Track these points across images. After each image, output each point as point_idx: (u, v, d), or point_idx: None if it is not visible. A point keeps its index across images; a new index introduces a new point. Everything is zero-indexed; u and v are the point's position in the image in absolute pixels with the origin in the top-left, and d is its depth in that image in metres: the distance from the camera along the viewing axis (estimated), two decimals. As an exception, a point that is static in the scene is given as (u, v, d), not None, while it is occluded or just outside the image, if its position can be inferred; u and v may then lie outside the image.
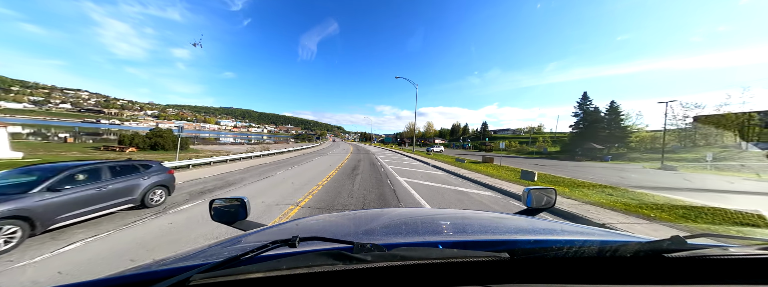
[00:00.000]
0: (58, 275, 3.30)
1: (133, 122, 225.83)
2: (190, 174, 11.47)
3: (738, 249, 0.78)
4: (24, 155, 15.51)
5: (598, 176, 15.66)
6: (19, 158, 14.99)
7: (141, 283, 0.65)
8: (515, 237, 1.17)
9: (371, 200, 7.63)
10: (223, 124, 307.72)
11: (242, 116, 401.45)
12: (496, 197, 8.62)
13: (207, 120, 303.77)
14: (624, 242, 0.95)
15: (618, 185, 11.37)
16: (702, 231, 5.25)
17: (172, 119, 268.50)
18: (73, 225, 4.87)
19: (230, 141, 64.62)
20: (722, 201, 8.24)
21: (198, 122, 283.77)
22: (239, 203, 1.63)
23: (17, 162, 12.89)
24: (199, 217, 5.59)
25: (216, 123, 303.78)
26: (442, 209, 2.50)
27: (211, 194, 7.95)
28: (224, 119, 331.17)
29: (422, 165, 18.92)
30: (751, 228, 5.33)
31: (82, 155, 17.98)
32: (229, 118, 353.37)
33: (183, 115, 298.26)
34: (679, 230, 5.28)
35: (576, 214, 6.23)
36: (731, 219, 5.81)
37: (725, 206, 6.71)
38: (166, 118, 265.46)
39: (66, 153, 18.35)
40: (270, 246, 0.77)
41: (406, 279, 0.70)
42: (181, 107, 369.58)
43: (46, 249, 3.99)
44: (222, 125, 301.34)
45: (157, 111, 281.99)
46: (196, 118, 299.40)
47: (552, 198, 1.89)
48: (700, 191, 10.91)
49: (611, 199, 7.89)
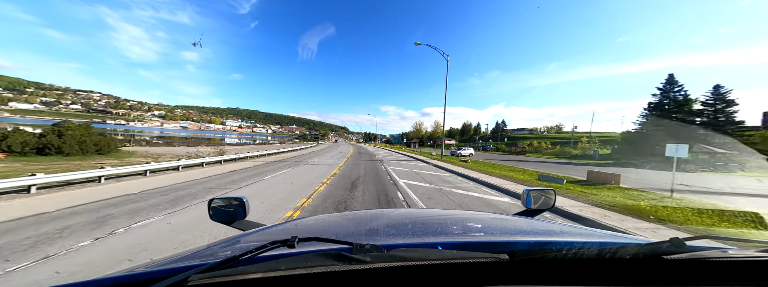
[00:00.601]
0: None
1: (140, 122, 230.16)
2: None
3: (737, 251, 0.78)
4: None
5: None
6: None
7: (139, 283, 0.64)
8: (515, 239, 1.18)
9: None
10: (229, 124, 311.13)
11: (248, 117, 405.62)
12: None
13: (212, 120, 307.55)
14: (623, 244, 0.95)
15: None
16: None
17: (177, 119, 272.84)
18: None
19: (235, 142, 64.84)
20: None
21: (203, 123, 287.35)
22: (238, 203, 1.61)
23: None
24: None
25: (221, 123, 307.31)
26: (442, 209, 2.55)
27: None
28: (230, 120, 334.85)
29: (499, 196, 9.95)
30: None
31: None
32: (234, 118, 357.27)
33: (189, 115, 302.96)
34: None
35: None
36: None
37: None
38: (171, 118, 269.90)
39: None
40: (269, 247, 0.76)
41: (405, 280, 0.69)
42: (189, 108, 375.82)
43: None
44: (227, 126, 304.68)
45: (164, 112, 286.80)
46: (201, 118, 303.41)
47: (551, 199, 1.87)
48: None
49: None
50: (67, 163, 15.81)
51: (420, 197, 9.21)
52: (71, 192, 8.61)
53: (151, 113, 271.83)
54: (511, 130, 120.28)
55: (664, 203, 8.52)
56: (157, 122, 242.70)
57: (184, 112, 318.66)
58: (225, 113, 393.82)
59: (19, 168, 12.85)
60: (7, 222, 5.65)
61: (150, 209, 6.82)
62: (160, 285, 0.59)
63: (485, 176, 13.99)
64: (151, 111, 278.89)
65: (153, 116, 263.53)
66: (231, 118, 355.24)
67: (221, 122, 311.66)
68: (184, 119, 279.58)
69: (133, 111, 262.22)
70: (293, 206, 7.51)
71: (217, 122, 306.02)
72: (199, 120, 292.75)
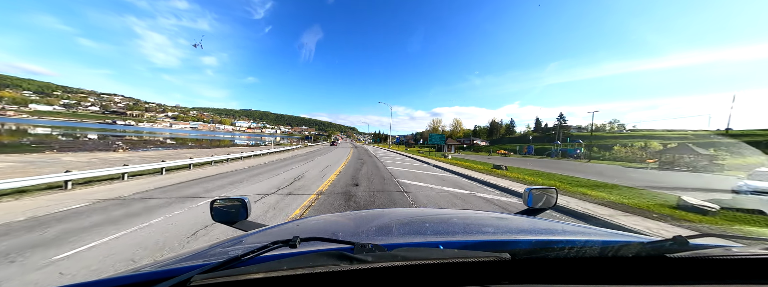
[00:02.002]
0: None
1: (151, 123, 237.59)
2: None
3: (741, 249, 0.77)
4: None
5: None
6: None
7: (142, 284, 0.65)
8: (516, 237, 1.17)
9: None
10: (238, 125, 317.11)
11: (260, 118, 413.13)
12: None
13: (223, 121, 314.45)
14: (626, 242, 0.95)
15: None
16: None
17: (188, 120, 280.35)
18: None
19: (244, 142, 61.78)
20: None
21: (213, 124, 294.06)
22: (240, 204, 1.61)
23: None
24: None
25: (231, 124, 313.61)
26: (444, 209, 2.45)
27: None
28: (241, 121, 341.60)
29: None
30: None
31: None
32: (246, 119, 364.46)
33: (201, 116, 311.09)
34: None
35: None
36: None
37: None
38: (183, 119, 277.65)
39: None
40: (271, 247, 0.76)
41: (407, 280, 0.69)
42: (205, 110, 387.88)
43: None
44: (237, 126, 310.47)
45: (177, 113, 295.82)
46: (213, 119, 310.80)
47: (553, 198, 1.87)
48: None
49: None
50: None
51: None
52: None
53: (164, 114, 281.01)
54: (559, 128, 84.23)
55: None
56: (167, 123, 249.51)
57: (198, 113, 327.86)
58: (238, 114, 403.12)
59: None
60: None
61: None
62: (163, 285, 0.59)
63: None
64: (165, 112, 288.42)
65: (166, 117, 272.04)
66: (243, 119, 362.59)
67: (231, 123, 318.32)
68: (195, 120, 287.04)
69: (148, 112, 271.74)
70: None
71: (227, 123, 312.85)
72: (210, 121, 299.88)
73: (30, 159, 15.64)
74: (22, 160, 14.95)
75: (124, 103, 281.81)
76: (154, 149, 28.06)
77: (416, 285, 0.69)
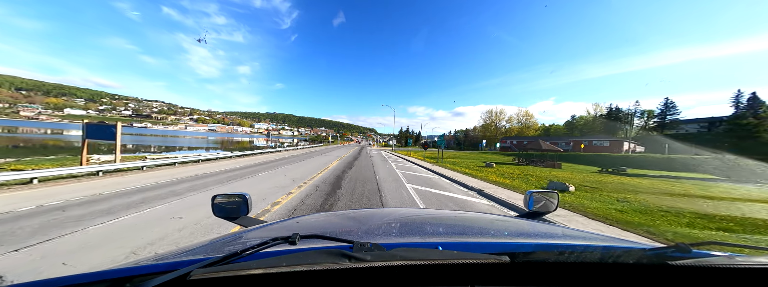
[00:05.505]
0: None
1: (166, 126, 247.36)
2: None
3: (744, 259, 0.74)
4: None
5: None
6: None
7: (141, 277, 0.65)
8: (516, 241, 1.16)
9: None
10: (257, 127, 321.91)
11: (282, 120, 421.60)
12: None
13: (241, 123, 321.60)
14: (627, 248, 0.94)
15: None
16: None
17: (208, 122, 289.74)
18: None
19: (263, 144, 54.91)
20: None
21: (233, 126, 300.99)
22: (241, 200, 1.62)
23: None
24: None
25: (250, 126, 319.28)
26: (444, 210, 2.48)
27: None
28: (262, 123, 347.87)
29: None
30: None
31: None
32: (268, 121, 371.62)
33: (224, 119, 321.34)
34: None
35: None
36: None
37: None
38: (203, 121, 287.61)
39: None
40: (270, 243, 0.77)
41: (405, 280, 0.69)
42: (234, 114, 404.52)
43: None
44: (255, 129, 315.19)
45: (202, 116, 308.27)
46: (232, 121, 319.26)
47: (554, 202, 1.84)
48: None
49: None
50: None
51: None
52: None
53: (189, 117, 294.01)
54: (683, 121, 59.42)
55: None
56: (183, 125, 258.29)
57: (222, 116, 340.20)
58: (263, 117, 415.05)
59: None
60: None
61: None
62: (163, 278, 0.59)
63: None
64: (191, 115, 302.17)
65: (189, 120, 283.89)
66: (266, 121, 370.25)
67: (250, 125, 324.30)
68: (215, 123, 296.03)
69: (173, 116, 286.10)
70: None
71: (246, 125, 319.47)
72: (229, 123, 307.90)
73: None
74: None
75: (160, 108, 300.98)
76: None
77: (414, 285, 0.68)
